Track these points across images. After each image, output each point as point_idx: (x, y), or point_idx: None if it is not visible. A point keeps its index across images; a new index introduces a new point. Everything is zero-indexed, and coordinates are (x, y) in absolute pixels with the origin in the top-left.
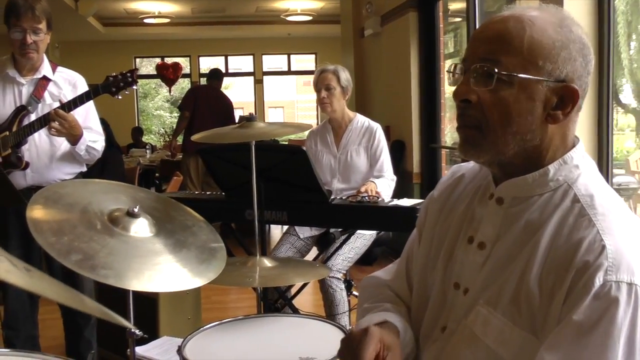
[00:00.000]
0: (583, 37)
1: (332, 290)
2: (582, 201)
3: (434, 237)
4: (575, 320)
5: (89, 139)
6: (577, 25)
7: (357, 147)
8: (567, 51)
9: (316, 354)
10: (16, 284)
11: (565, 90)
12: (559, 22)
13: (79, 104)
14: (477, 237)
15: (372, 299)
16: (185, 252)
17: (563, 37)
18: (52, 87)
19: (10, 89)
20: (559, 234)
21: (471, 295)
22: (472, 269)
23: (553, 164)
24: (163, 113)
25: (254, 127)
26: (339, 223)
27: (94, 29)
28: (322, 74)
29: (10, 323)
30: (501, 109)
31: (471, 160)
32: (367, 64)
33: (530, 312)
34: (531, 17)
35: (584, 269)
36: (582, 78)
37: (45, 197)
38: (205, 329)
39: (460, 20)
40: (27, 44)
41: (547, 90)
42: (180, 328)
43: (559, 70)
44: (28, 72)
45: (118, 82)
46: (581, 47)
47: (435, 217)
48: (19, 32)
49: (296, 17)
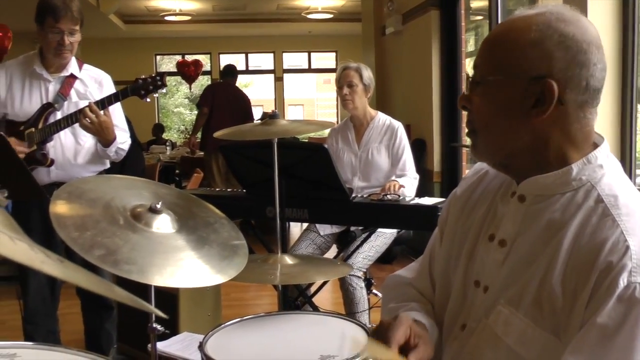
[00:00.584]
0: (566, 30)
1: (352, 288)
2: (606, 201)
3: (456, 235)
4: (599, 322)
5: (119, 141)
6: (564, 21)
7: (378, 146)
8: (540, 48)
9: (337, 351)
10: (52, 274)
11: (543, 86)
12: (542, 21)
13: (108, 104)
14: (498, 235)
15: (397, 298)
16: (207, 248)
17: (537, 35)
18: (79, 85)
19: (37, 85)
20: (582, 234)
21: (491, 293)
22: (493, 267)
23: (576, 163)
24: (183, 110)
25: (277, 124)
26: (360, 221)
27: (115, 27)
28: (344, 71)
29: (31, 318)
30: (481, 111)
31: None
32: (388, 63)
33: (552, 313)
34: (514, 20)
35: (607, 270)
36: (568, 71)
37: (68, 192)
38: (227, 326)
39: (482, 18)
40: (64, 45)
41: (521, 89)
42: (200, 324)
43: (533, 68)
44: (56, 69)
45: (147, 85)
46: (561, 40)
47: (457, 214)
48: (56, 34)
49: (317, 14)
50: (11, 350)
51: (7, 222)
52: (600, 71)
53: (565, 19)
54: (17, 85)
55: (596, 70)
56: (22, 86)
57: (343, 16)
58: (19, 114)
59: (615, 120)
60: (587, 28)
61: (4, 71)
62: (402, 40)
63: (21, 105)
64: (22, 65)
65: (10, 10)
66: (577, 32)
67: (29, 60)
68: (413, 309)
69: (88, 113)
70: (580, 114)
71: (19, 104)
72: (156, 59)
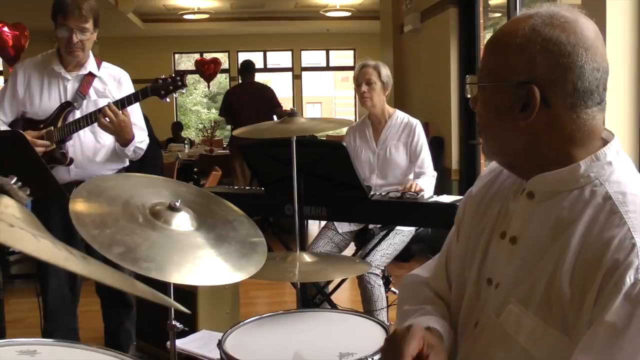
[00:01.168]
0: (550, 34)
1: (371, 286)
2: (614, 198)
3: (471, 233)
4: (607, 320)
5: (137, 140)
6: (551, 25)
7: (397, 143)
8: (524, 53)
9: (356, 349)
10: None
11: (528, 91)
12: (529, 25)
13: (127, 104)
14: (509, 232)
15: (412, 300)
16: (226, 246)
17: (522, 40)
18: (97, 83)
19: (55, 84)
20: (590, 232)
21: (502, 290)
22: (504, 264)
23: (584, 160)
24: (201, 109)
25: (296, 122)
26: (378, 219)
27: (134, 25)
28: (363, 69)
29: (51, 316)
30: (481, 115)
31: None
32: (406, 60)
33: (561, 311)
34: (508, 24)
35: (614, 267)
36: (552, 75)
37: (87, 190)
38: (245, 324)
39: (500, 15)
40: (72, 43)
41: (510, 95)
42: (218, 322)
43: (518, 74)
44: (74, 67)
45: (167, 86)
46: (545, 44)
47: (472, 213)
48: (65, 31)
49: (335, 12)
50: (32, 347)
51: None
52: (591, 72)
53: (554, 21)
54: (36, 83)
55: (584, 72)
56: (40, 84)
57: (361, 14)
58: (37, 112)
59: (632, 118)
60: (578, 30)
61: (22, 70)
62: (420, 38)
63: (40, 104)
64: (41, 63)
65: (28, 8)
66: (563, 35)
67: (47, 58)
68: (427, 313)
69: (107, 112)
70: (573, 115)
71: (37, 102)
72: (174, 57)
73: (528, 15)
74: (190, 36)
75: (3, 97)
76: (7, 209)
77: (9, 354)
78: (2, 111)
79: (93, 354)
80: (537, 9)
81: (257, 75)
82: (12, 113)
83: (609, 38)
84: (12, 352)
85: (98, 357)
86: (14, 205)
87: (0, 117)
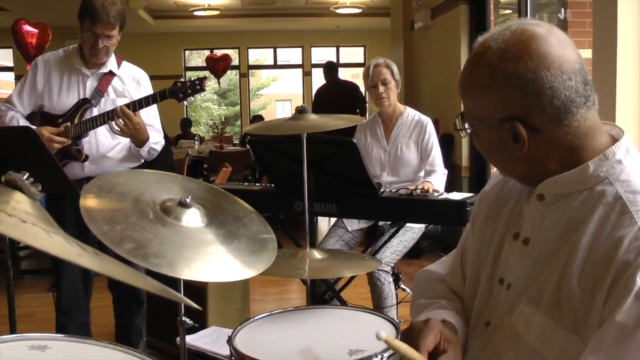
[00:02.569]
0: (508, 68)
1: (380, 283)
2: (625, 198)
3: (485, 232)
4: (617, 321)
5: (152, 141)
6: (504, 59)
7: (408, 141)
8: (493, 94)
9: (365, 346)
10: (88, 267)
11: (512, 126)
12: (486, 63)
13: (145, 105)
14: (522, 233)
15: (427, 294)
16: (236, 242)
17: (485, 82)
18: (117, 82)
19: (75, 80)
20: (601, 232)
21: (514, 291)
22: (516, 265)
23: (593, 160)
24: (211, 105)
25: (306, 119)
26: (388, 216)
27: (144, 22)
28: (376, 68)
29: (64, 309)
30: (477, 146)
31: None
32: (416, 57)
33: (571, 311)
34: (468, 66)
35: (624, 267)
36: (526, 103)
37: (98, 186)
38: (255, 320)
39: (511, 12)
40: (97, 48)
41: (496, 131)
42: (228, 318)
43: (495, 113)
44: (94, 65)
45: (186, 89)
46: (506, 80)
47: (486, 212)
48: (91, 36)
49: (345, 9)
50: (42, 342)
51: (42, 216)
52: (562, 84)
53: (506, 54)
54: (55, 78)
55: (556, 89)
56: (60, 79)
57: (372, 11)
58: (55, 107)
59: None
60: (534, 52)
61: (43, 63)
62: (430, 34)
63: (58, 99)
64: (62, 59)
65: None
66: (520, 65)
67: (69, 54)
68: (442, 307)
69: (120, 115)
70: (564, 128)
71: (56, 97)
72: (185, 53)
73: (482, 51)
74: (200, 32)
75: (22, 88)
76: (19, 205)
77: (19, 349)
78: (20, 103)
79: (103, 349)
80: (490, 39)
81: (267, 72)
82: (30, 105)
83: (620, 37)
84: (22, 347)
85: (108, 352)
86: (26, 201)
87: (18, 108)
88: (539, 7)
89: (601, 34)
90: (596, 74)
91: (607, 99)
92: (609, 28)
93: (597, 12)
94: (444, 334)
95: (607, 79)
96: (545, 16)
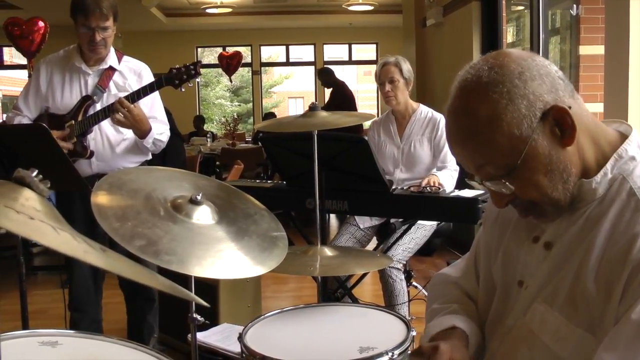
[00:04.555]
0: (506, 77)
1: (392, 280)
2: (639, 194)
3: (494, 233)
4: (633, 319)
5: (156, 132)
6: (498, 74)
7: (421, 138)
8: (514, 104)
9: (376, 343)
10: (95, 264)
11: (553, 113)
12: (484, 114)
13: (143, 95)
14: (544, 237)
15: (440, 299)
16: (247, 240)
17: (503, 100)
18: (118, 77)
19: (76, 79)
20: (616, 229)
21: (530, 290)
22: (536, 268)
23: (609, 162)
24: (224, 102)
25: (317, 116)
26: (400, 213)
27: (157, 20)
28: (384, 67)
29: (77, 306)
30: (531, 186)
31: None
32: (428, 54)
33: (586, 310)
34: (462, 124)
35: None
36: (544, 87)
37: (109, 183)
38: (266, 317)
39: (523, 8)
40: (95, 41)
41: (542, 132)
42: (240, 315)
43: (532, 115)
44: (95, 62)
45: (181, 75)
46: (512, 83)
47: (495, 212)
48: (87, 31)
49: (358, 6)
50: (53, 338)
51: (50, 213)
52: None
53: (492, 74)
54: (58, 79)
55: (546, 68)
56: (62, 80)
57: (384, 8)
58: (59, 107)
59: None
60: (506, 61)
61: (44, 66)
62: (442, 31)
63: (62, 99)
64: (62, 59)
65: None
66: (500, 106)
67: (69, 54)
68: (454, 312)
69: (119, 108)
70: (577, 100)
71: (59, 97)
72: (197, 51)
73: (464, 107)
74: (212, 30)
75: (27, 93)
76: (27, 202)
77: (30, 345)
78: (27, 107)
79: (114, 345)
80: (457, 92)
81: (280, 69)
82: (37, 109)
83: (632, 32)
84: (33, 343)
85: (119, 349)
86: (35, 197)
87: (25, 112)
88: (551, 3)
89: (614, 30)
90: (608, 70)
91: (619, 94)
92: (621, 24)
93: (609, 8)
94: (453, 358)
95: (619, 74)
96: (558, 12)
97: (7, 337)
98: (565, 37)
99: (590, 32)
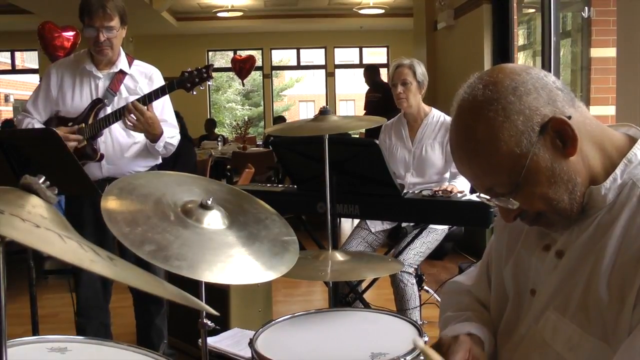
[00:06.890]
0: (500, 94)
1: (403, 284)
2: None
3: (506, 238)
4: None
5: (167, 136)
6: (492, 92)
7: (432, 142)
8: (510, 120)
9: (388, 349)
10: (102, 274)
11: (552, 124)
12: (482, 130)
13: (155, 98)
14: (555, 246)
15: (453, 307)
16: (257, 244)
17: (499, 117)
18: (128, 81)
19: (87, 82)
20: (628, 235)
21: (541, 298)
22: (547, 276)
23: (618, 167)
24: (235, 106)
25: (328, 120)
26: (412, 217)
27: (168, 23)
28: (398, 69)
29: (83, 311)
30: (536, 199)
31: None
32: (439, 57)
33: (599, 317)
34: (464, 150)
35: None
36: (540, 100)
37: (119, 188)
38: (277, 322)
39: (534, 11)
40: (100, 41)
41: (543, 144)
42: (250, 320)
43: (530, 129)
44: (105, 66)
45: (193, 78)
46: (507, 99)
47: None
48: (92, 31)
49: (368, 10)
50: (62, 344)
51: (57, 220)
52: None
53: (487, 92)
54: (68, 82)
55: (542, 80)
56: (72, 83)
57: (394, 11)
58: (70, 111)
59: None
60: (500, 78)
61: (55, 70)
62: (453, 34)
63: (72, 102)
64: (73, 63)
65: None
66: (497, 124)
67: (80, 58)
68: (468, 319)
69: (132, 110)
70: (579, 109)
71: (70, 100)
72: (208, 55)
73: (463, 128)
74: (223, 34)
75: (37, 97)
76: (34, 209)
77: (39, 351)
78: (36, 111)
79: (123, 352)
80: (455, 112)
81: (290, 72)
82: (46, 113)
83: None
84: (42, 349)
85: (128, 354)
86: (42, 204)
87: (35, 116)
88: (562, 6)
89: (625, 32)
90: (620, 72)
91: (631, 97)
92: (633, 26)
93: (621, 10)
94: (473, 351)
95: (631, 76)
96: (569, 15)
97: (16, 343)
98: (577, 40)
99: (602, 34)
